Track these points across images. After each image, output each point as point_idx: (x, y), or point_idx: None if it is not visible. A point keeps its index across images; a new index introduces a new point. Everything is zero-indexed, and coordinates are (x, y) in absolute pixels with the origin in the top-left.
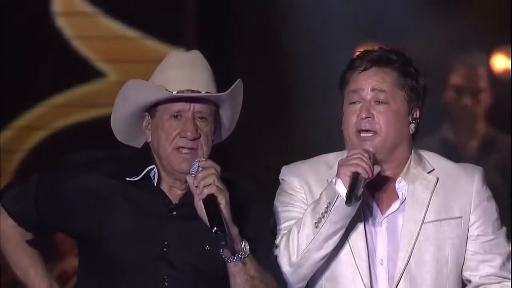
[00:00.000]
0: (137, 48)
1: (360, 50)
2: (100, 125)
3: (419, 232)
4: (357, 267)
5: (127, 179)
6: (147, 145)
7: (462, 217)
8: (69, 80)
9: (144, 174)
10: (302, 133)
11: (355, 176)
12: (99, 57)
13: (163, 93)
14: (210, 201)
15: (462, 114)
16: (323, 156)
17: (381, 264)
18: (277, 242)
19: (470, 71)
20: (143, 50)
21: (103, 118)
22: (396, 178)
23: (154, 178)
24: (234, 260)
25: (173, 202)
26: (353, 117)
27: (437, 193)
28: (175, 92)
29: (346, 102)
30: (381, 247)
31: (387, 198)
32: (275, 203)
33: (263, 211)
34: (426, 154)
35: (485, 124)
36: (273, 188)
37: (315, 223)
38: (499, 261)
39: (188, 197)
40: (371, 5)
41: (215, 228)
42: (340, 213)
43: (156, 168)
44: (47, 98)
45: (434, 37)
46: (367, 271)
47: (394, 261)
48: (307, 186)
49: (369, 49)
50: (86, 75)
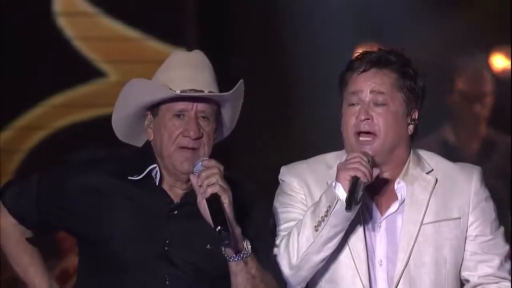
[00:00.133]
0: (137, 48)
1: (359, 51)
2: (100, 125)
3: (418, 233)
4: (356, 269)
5: (129, 178)
6: (148, 144)
7: (460, 218)
8: (70, 80)
9: (146, 173)
10: (302, 133)
11: (355, 181)
12: (99, 57)
13: (167, 92)
14: (214, 201)
15: (466, 118)
16: (322, 156)
17: (380, 265)
18: (277, 243)
19: (476, 76)
20: (143, 50)
21: (103, 118)
22: (395, 179)
23: (156, 177)
24: (236, 259)
25: (175, 201)
26: (352, 119)
27: (436, 194)
28: (179, 91)
29: (345, 104)
30: (380, 248)
31: (386, 199)
32: (274, 204)
33: (264, 211)
34: (425, 154)
35: (486, 125)
36: (273, 188)
37: (315, 226)
38: (497, 261)
39: (189, 196)
40: (371, 5)
41: (219, 227)
42: (340, 217)
43: (158, 167)
44: (47, 98)
45: (434, 37)
46: (366, 272)
47: (393, 262)
48: (307, 187)
49: (368, 50)
50: (87, 75)
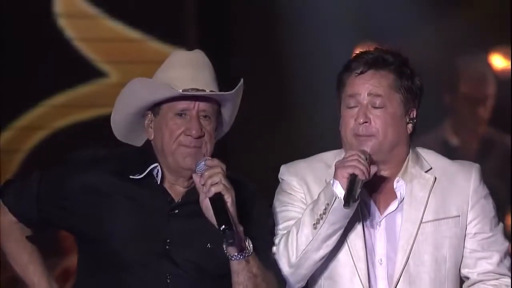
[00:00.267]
0: (138, 49)
1: (358, 51)
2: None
3: (417, 232)
4: (355, 267)
5: (130, 177)
6: (148, 143)
7: (459, 216)
8: (70, 81)
9: (147, 172)
10: (302, 133)
11: (353, 178)
12: (100, 58)
13: (171, 91)
14: (218, 200)
15: (468, 119)
16: (321, 155)
17: (380, 264)
18: (276, 242)
19: (480, 78)
20: (144, 50)
21: (103, 119)
22: (394, 177)
23: (157, 176)
24: (238, 258)
25: (175, 200)
26: (350, 121)
27: (435, 192)
28: (181, 90)
29: (344, 106)
30: (380, 247)
31: (385, 198)
32: (274, 202)
33: (265, 210)
34: (424, 152)
35: (486, 125)
36: (273, 188)
37: (314, 224)
38: (496, 258)
39: (190, 195)
40: (371, 5)
41: (223, 226)
42: (338, 214)
43: (159, 166)
44: (47, 98)
45: (434, 37)
46: (365, 271)
47: (393, 261)
48: (306, 186)
49: (365, 50)
50: (87, 75)
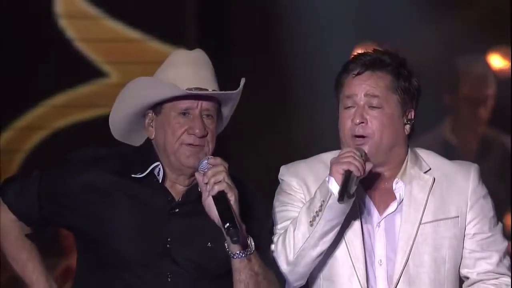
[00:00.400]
0: (138, 49)
1: (357, 51)
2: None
3: (416, 233)
4: (354, 267)
5: (132, 175)
6: (148, 142)
7: (458, 216)
8: (70, 81)
9: (149, 171)
10: (302, 133)
11: (348, 174)
12: (100, 58)
13: (175, 90)
14: (221, 198)
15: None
16: (320, 156)
17: (380, 264)
18: (274, 241)
19: (481, 79)
20: (144, 51)
21: (104, 119)
22: (393, 178)
23: (159, 175)
24: (240, 256)
25: (176, 199)
26: (348, 122)
27: (434, 193)
28: (185, 89)
29: (341, 106)
30: (380, 248)
31: (384, 199)
32: (274, 202)
33: (266, 209)
34: (422, 153)
35: (486, 125)
36: (273, 188)
37: (310, 222)
38: (496, 257)
39: (190, 194)
40: (371, 5)
41: (228, 224)
42: (334, 211)
43: (160, 165)
44: (48, 99)
45: (434, 37)
46: (364, 272)
47: (393, 262)
48: (306, 186)
49: (363, 52)
50: (87, 75)
